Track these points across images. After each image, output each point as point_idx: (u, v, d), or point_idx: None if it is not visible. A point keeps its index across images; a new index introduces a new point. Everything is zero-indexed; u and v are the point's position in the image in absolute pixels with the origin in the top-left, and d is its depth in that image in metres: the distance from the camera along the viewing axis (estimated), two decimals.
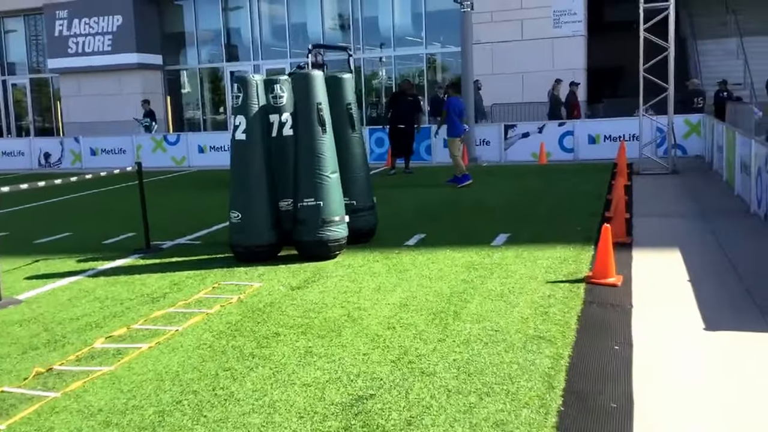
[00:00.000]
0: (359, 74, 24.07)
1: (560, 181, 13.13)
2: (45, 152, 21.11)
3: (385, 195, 12.02)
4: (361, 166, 8.39)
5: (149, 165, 19.43)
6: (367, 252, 7.94)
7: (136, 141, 20.16)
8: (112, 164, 20.09)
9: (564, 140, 17.04)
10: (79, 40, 24.76)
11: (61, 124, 26.13)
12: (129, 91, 24.27)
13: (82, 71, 24.82)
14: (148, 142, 20.11)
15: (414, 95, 16.05)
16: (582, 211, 9.87)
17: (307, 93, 7.58)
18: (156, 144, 19.99)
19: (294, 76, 7.72)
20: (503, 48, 21.50)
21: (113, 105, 24.14)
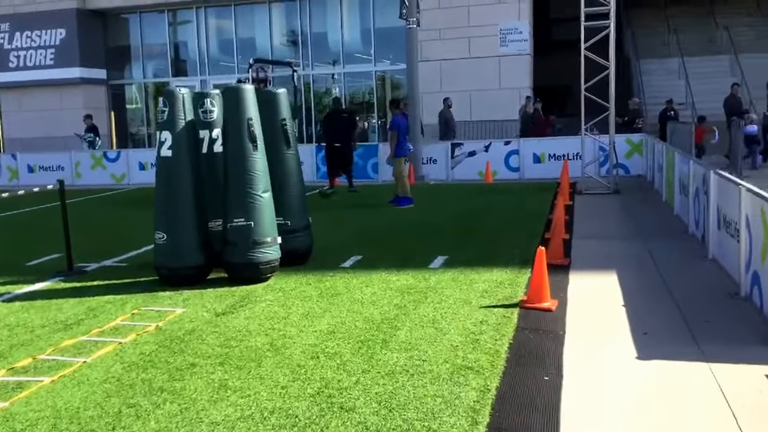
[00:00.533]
0: (309, 91, 23.85)
1: (504, 200, 13.04)
2: None
3: (326, 215, 11.80)
4: (296, 185, 8.14)
5: (88, 182, 19.06)
6: (300, 274, 7.68)
7: (75, 158, 19.59)
8: (50, 181, 19.48)
9: (510, 159, 17.02)
10: (20, 53, 24.10)
11: (2, 140, 25.33)
12: (71, 107, 23.62)
13: (23, 86, 24.13)
14: (87, 159, 19.55)
15: (349, 112, 15.80)
16: (522, 232, 9.75)
17: (237, 108, 7.31)
18: (95, 161, 19.43)
19: (224, 90, 7.45)
20: (451, 66, 21.50)
21: (55, 120, 23.46)
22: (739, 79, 20.36)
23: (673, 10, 24.64)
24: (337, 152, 14.96)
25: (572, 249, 8.68)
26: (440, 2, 21.31)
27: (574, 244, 9.00)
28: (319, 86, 24.60)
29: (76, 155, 19.75)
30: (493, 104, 20.72)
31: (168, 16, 24.69)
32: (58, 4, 23.68)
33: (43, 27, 23.76)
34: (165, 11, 24.59)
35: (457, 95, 21.05)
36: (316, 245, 8.72)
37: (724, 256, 7.19)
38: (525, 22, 21.05)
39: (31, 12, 23.89)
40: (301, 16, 23.72)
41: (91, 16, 24.33)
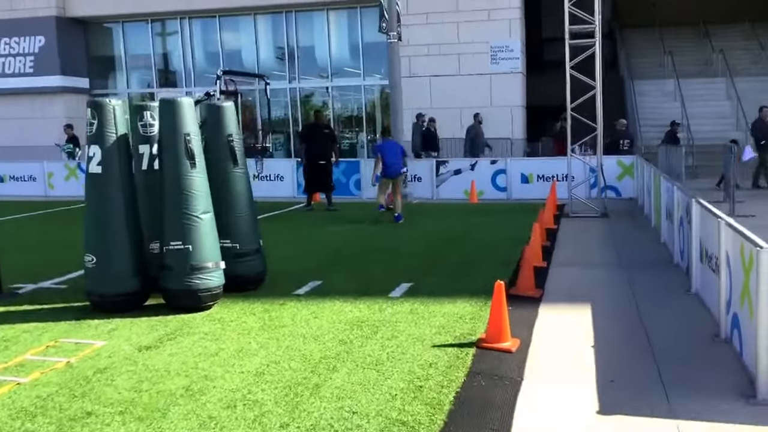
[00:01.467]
0: (294, 105, 23.28)
1: (485, 222, 12.43)
2: None
3: (295, 234, 11.21)
4: (244, 205, 7.53)
5: (62, 193, 18.42)
6: (248, 303, 7.05)
7: (48, 168, 18.99)
8: (20, 192, 18.91)
9: (497, 178, 16.42)
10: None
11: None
12: (51, 115, 23.04)
13: (2, 94, 23.55)
14: (61, 170, 18.95)
15: (328, 126, 15.14)
16: (497, 258, 9.12)
17: (174, 122, 6.71)
18: (69, 171, 18.81)
19: (160, 102, 6.85)
20: (441, 82, 20.95)
21: (34, 129, 22.85)
22: (734, 102, 19.83)
23: (668, 32, 24.14)
24: (318, 169, 14.32)
25: (548, 278, 8.07)
26: (428, 17, 20.81)
27: (552, 272, 8.39)
28: (307, 99, 24.05)
29: (49, 165, 19.16)
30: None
31: (152, 25, 24.16)
32: (36, 12, 23.14)
33: (22, 34, 23.25)
34: (149, 21, 24.07)
35: (447, 112, 20.52)
36: (276, 268, 8.18)
37: (706, 292, 6.57)
38: (516, 40, 20.54)
39: (9, 19, 23.34)
40: (287, 28, 23.24)
41: (72, 24, 23.80)
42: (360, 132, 23.34)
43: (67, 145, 20.18)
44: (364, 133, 23.13)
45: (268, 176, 17.34)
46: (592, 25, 12.44)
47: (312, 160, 14.35)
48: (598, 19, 12.44)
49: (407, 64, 21.08)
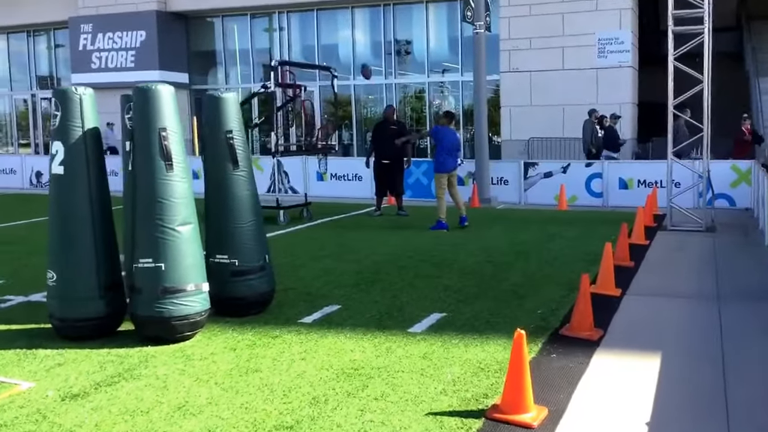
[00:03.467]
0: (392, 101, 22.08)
1: (567, 234, 10.82)
2: (37, 171, 19.79)
3: (343, 244, 10.01)
4: (246, 214, 6.36)
5: None
6: (237, 332, 5.91)
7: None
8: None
9: (591, 183, 14.65)
10: (102, 55, 23.62)
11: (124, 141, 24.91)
12: None
13: (103, 87, 23.56)
14: None
15: (398, 123, 13.61)
16: (563, 281, 7.61)
17: (147, 115, 5.61)
18: None
19: (133, 92, 5.78)
20: (543, 77, 19.27)
21: None
22: None
23: None
24: (385, 170, 13.06)
25: (617, 312, 6.51)
26: (531, 9, 19.16)
27: (625, 304, 6.81)
28: (404, 95, 22.85)
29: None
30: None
31: (251, 20, 23.63)
32: (138, 6, 23.03)
33: (125, 29, 23.18)
34: (248, 15, 23.54)
35: (548, 109, 18.95)
36: (298, 286, 7.24)
37: None
38: (627, 31, 18.55)
39: (112, 13, 23.34)
40: (385, 22, 22.13)
41: (173, 19, 23.58)
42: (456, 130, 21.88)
43: None
44: (461, 132, 21.70)
45: (345, 176, 16.31)
46: (701, 10, 10.58)
47: (377, 160, 13.09)
48: (708, 3, 10.57)
49: (507, 59, 19.61)
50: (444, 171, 11.25)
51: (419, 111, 22.69)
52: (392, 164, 12.95)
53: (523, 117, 19.41)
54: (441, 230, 11.05)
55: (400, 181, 13.25)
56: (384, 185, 13.18)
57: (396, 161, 12.96)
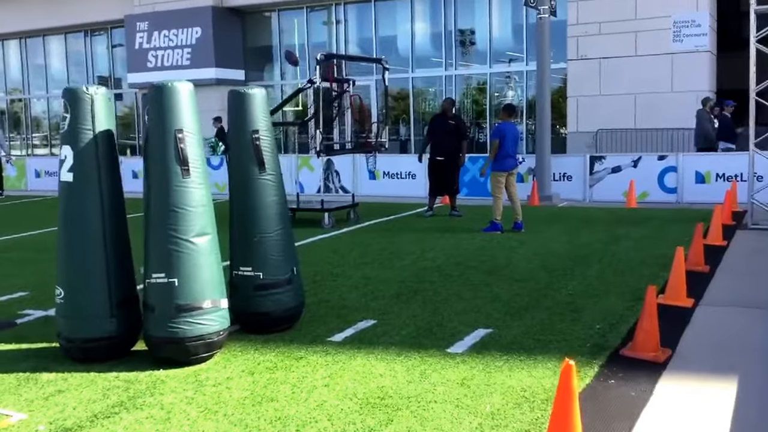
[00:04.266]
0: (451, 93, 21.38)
1: (634, 234, 10.01)
2: None
3: (389, 248, 9.44)
4: (273, 222, 5.85)
5: None
6: (259, 352, 5.41)
7: None
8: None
9: (665, 177, 13.70)
10: (158, 53, 23.59)
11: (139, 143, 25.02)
12: (206, 109, 22.60)
13: None
14: None
15: (456, 118, 12.72)
16: (628, 291, 6.89)
17: (162, 115, 5.15)
18: None
19: (149, 90, 5.31)
20: (613, 65, 18.29)
21: None
22: None
23: None
24: (439, 167, 12.33)
25: (688, 327, 5.78)
26: None
27: (697, 316, 6.07)
28: (466, 87, 22.09)
29: None
30: (663, 110, 17.30)
31: (308, 13, 23.25)
32: (195, 2, 22.86)
33: (180, 26, 23.07)
34: (305, 8, 23.17)
35: (618, 99, 17.98)
36: (333, 297, 6.77)
37: None
38: (704, 13, 17.42)
39: (168, 10, 23.27)
40: (446, 11, 21.41)
41: (229, 15, 23.39)
42: (518, 123, 21.06)
43: (210, 139, 19.59)
44: (523, 124, 20.85)
45: (398, 174, 15.71)
46: None
47: (431, 157, 12.37)
48: None
49: (575, 46, 18.73)
50: (504, 170, 10.56)
51: (480, 103, 21.91)
52: (447, 161, 12.19)
53: (591, 107, 18.49)
54: (495, 232, 10.37)
55: (455, 179, 12.50)
56: (438, 184, 12.47)
57: (451, 158, 12.21)
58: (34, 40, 27.96)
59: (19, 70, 28.73)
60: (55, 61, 27.98)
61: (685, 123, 16.89)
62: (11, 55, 28.81)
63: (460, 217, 12.23)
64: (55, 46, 27.77)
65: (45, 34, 27.40)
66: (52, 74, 27.95)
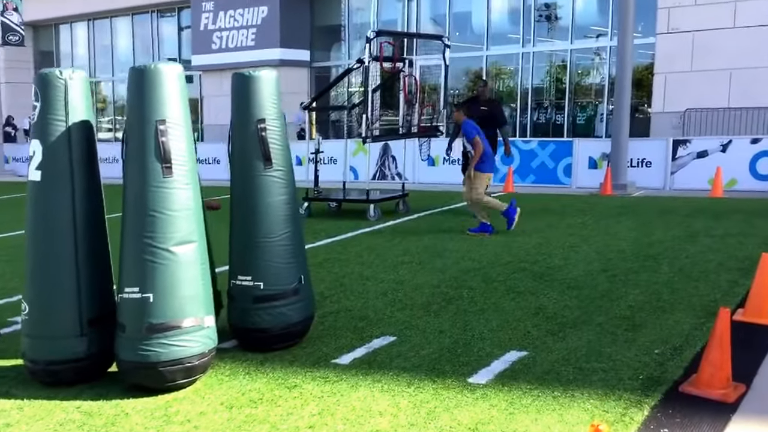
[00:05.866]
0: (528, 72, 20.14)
1: (714, 231, 8.85)
2: None
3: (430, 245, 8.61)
4: (277, 225, 5.09)
5: None
6: (249, 378, 4.68)
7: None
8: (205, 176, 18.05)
9: (757, 163, 12.31)
10: (223, 34, 23.15)
11: (201, 127, 24.71)
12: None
13: (224, 68, 23.21)
14: None
15: (492, 103, 11.15)
16: (696, 304, 5.85)
17: (140, 103, 4.45)
18: None
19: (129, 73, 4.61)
20: (707, 38, 16.69)
21: None
22: None
23: None
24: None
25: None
26: None
27: None
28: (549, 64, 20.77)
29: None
30: (762, 87, 15.70)
31: None
32: None
33: (246, 5, 22.55)
34: None
35: (711, 75, 16.43)
36: (354, 307, 6.09)
37: None
38: None
39: None
40: None
41: None
42: (600, 103, 19.68)
43: None
44: (605, 104, 19.47)
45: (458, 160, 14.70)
46: None
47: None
48: None
49: (665, 18, 17.21)
50: (489, 171, 9.35)
51: (561, 82, 20.59)
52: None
53: (680, 85, 16.98)
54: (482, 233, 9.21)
55: None
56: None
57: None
58: (101, 21, 27.95)
59: (86, 53, 28.80)
60: (122, 42, 27.92)
61: None
62: (79, 38, 28.88)
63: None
64: (122, 27, 27.71)
65: (112, 15, 27.35)
66: (119, 56, 27.89)
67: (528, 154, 14.12)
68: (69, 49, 29.14)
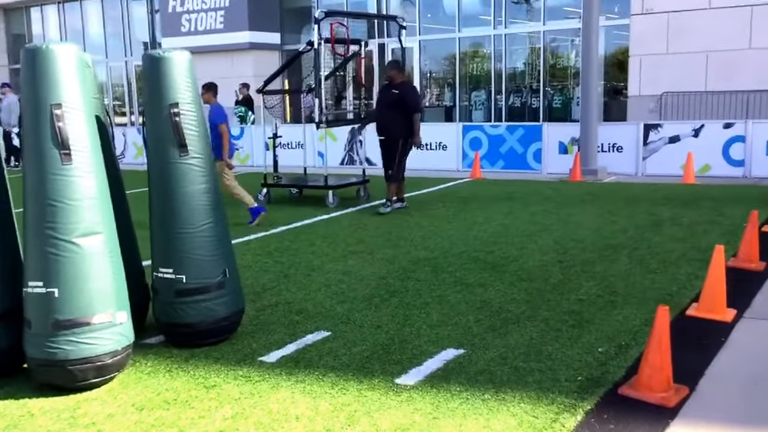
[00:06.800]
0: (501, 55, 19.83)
1: (680, 219, 8.62)
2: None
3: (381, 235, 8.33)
4: (199, 215, 4.80)
5: None
6: (168, 376, 4.42)
7: None
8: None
9: (731, 148, 12.07)
10: (191, 17, 22.55)
11: None
12: (240, 75, 21.71)
13: (194, 52, 22.59)
14: None
15: (404, 87, 9.84)
16: (650, 298, 5.61)
17: (35, 87, 4.14)
18: None
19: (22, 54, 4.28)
20: (683, 19, 16.37)
21: (225, 89, 21.73)
22: None
23: None
24: (382, 148, 9.91)
25: (723, 350, 4.53)
26: None
27: (737, 336, 4.79)
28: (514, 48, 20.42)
29: None
30: (739, 69, 15.43)
31: None
32: None
33: None
34: None
35: (687, 58, 16.10)
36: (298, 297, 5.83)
37: None
38: None
39: None
40: None
41: None
42: (577, 86, 19.37)
43: (238, 108, 18.61)
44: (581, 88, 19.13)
45: (428, 145, 14.36)
46: None
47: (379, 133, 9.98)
48: None
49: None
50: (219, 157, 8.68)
51: (533, 65, 20.27)
52: (386, 140, 9.76)
53: (656, 68, 16.67)
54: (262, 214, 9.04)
55: (394, 161, 9.77)
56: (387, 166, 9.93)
57: (392, 136, 9.69)
58: (72, 5, 27.35)
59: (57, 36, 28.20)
60: (93, 26, 27.35)
61: (765, 84, 15.07)
62: (50, 21, 28.25)
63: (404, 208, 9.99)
64: (93, 10, 27.10)
65: None
66: (90, 40, 27.31)
67: (497, 139, 13.82)
68: (41, 31, 28.51)
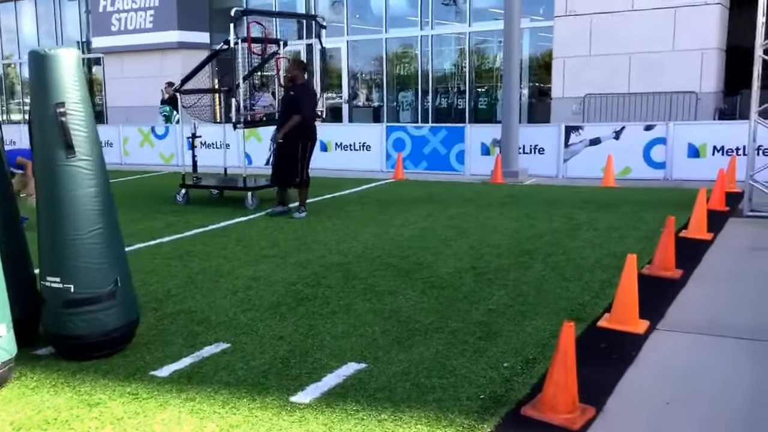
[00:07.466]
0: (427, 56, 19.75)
1: (598, 223, 8.61)
2: None
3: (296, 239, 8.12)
4: (87, 220, 4.51)
5: (136, 161, 16.53)
6: (54, 391, 4.15)
7: (124, 132, 17.05)
8: None
9: (652, 151, 12.20)
10: (121, 16, 22.11)
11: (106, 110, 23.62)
12: (170, 74, 21.16)
13: (124, 51, 22.17)
14: (136, 135, 16.91)
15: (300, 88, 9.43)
16: (562, 308, 5.52)
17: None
18: (144, 137, 16.75)
19: None
20: (606, 21, 16.51)
21: (155, 88, 21.21)
22: None
23: None
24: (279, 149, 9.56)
25: (633, 365, 4.44)
26: None
27: (647, 351, 4.69)
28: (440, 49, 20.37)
29: (124, 130, 17.21)
30: (662, 71, 15.62)
31: None
32: None
33: None
34: None
35: (611, 60, 16.23)
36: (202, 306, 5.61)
37: None
38: None
39: None
40: None
41: None
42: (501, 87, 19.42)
43: (163, 108, 18.17)
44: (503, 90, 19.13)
45: (352, 145, 14.22)
46: None
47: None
48: None
49: (563, 1, 16.97)
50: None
51: (459, 67, 20.27)
52: (283, 143, 9.41)
53: (579, 70, 16.82)
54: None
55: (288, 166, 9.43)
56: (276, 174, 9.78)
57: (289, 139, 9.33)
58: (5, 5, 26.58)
59: None
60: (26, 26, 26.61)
61: (686, 85, 15.33)
62: None
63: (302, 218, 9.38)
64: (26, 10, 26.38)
65: None
66: (24, 40, 26.56)
67: (420, 140, 13.75)
68: None
